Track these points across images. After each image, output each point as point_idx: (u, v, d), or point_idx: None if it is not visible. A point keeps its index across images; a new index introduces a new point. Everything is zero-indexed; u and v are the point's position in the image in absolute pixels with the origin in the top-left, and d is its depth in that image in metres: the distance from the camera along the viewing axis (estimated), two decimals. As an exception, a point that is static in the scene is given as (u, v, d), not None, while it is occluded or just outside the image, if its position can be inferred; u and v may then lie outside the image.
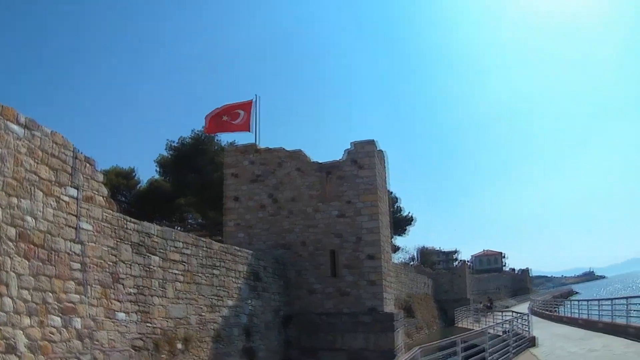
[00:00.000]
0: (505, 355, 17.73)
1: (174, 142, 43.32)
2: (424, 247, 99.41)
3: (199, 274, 15.86)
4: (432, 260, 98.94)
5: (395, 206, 64.38)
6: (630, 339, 18.10)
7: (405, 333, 34.99)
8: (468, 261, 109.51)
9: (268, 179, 25.05)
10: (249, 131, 26.19)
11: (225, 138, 40.28)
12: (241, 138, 26.83)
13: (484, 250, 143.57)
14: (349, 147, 24.64)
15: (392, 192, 60.53)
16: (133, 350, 12.34)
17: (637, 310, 20.69)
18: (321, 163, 24.95)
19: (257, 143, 25.91)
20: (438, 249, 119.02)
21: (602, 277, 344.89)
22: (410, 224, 69.92)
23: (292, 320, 22.49)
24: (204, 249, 16.41)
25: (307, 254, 23.87)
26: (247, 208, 24.95)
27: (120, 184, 43.20)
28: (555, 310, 38.91)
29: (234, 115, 25.86)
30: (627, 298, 21.83)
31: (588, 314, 26.79)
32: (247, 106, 26.03)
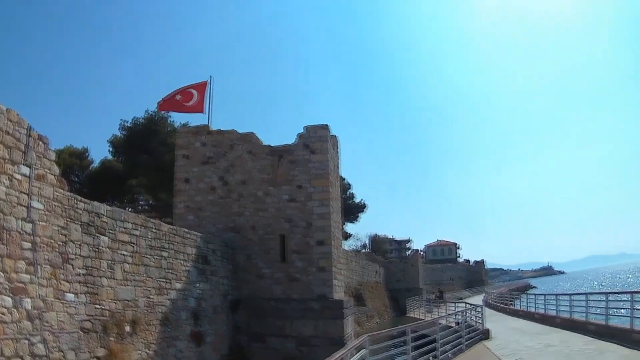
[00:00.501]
0: (458, 347, 18.06)
1: (127, 122, 43.97)
2: (376, 235, 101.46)
3: (148, 256, 16.46)
4: (384, 249, 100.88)
5: (348, 193, 65.87)
6: (590, 336, 18.15)
7: (355, 321, 36.19)
8: (421, 251, 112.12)
9: (219, 161, 25.62)
10: (202, 112, 26.74)
11: (178, 119, 40.99)
12: (195, 119, 27.29)
13: (437, 241, 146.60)
14: (302, 131, 25.43)
15: (344, 179, 61.98)
16: (82, 332, 12.83)
17: (596, 307, 20.61)
18: (273, 147, 25.66)
19: (210, 125, 26.44)
20: (391, 237, 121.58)
21: (561, 272, 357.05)
22: (363, 210, 71.59)
23: (241, 305, 23.22)
24: (153, 230, 16.98)
25: (256, 238, 24.59)
26: (197, 190, 25.50)
27: (73, 164, 43.51)
28: (511, 304, 39.73)
29: (187, 95, 26.33)
30: (586, 294, 21.94)
31: (545, 309, 27.07)
32: (201, 87, 26.56)
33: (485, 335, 21.33)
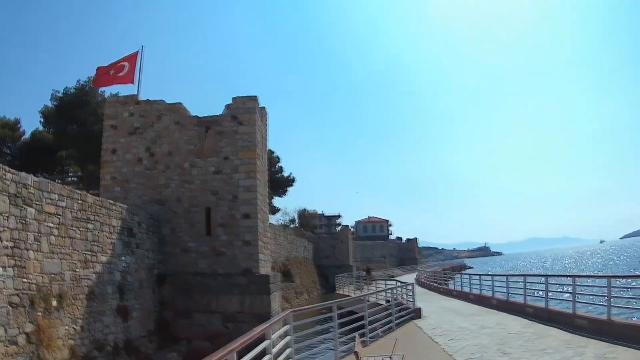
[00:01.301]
0: (388, 326, 18.57)
1: (58, 92, 44.78)
2: (304, 209, 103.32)
3: (74, 228, 17.27)
4: (313, 224, 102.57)
5: (276, 166, 67.30)
6: (529, 319, 18.28)
7: (283, 298, 37.61)
8: (351, 227, 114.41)
9: (146, 132, 26.35)
10: (132, 83, 27.33)
11: (109, 89, 41.49)
12: (125, 90, 27.64)
13: (368, 217, 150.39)
14: (230, 102, 26.43)
15: (273, 152, 63.20)
16: (10, 307, 13.47)
17: (535, 290, 21.00)
18: (200, 117, 26.58)
19: (139, 95, 27.01)
20: (320, 212, 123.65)
21: (499, 253, 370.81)
22: (291, 184, 73.11)
23: (167, 280, 24.26)
24: (79, 202, 17.78)
25: (182, 210, 25.58)
26: (124, 161, 26.18)
27: (5, 136, 44.45)
28: (445, 284, 40.44)
29: (119, 68, 26.85)
30: (524, 276, 21.88)
31: (480, 290, 27.20)
32: (132, 58, 27.10)
33: (417, 314, 21.53)
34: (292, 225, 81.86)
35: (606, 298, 14.34)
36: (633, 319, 16.31)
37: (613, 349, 11.81)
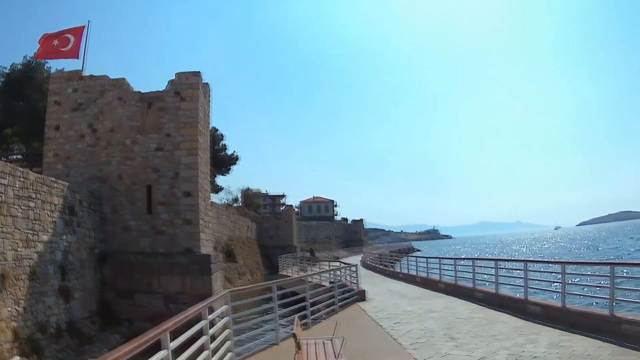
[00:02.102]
0: (331, 308, 18.64)
1: (5, 68, 44.94)
2: (248, 188, 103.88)
3: (15, 206, 17.55)
4: (257, 204, 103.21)
5: (220, 144, 67.46)
6: (479, 304, 18.44)
7: (226, 278, 38.19)
8: (296, 207, 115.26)
9: (89, 108, 26.52)
10: (77, 58, 27.32)
11: (55, 65, 41.84)
12: (71, 66, 27.57)
13: (313, 197, 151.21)
14: (174, 78, 26.76)
15: (217, 129, 63.37)
16: None
17: (485, 274, 20.93)
18: (143, 93, 26.88)
19: (84, 70, 27.08)
20: (265, 192, 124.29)
21: (448, 236, 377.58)
22: (235, 163, 73.38)
23: (108, 260, 24.62)
24: (21, 179, 18.05)
25: (123, 188, 25.96)
26: (67, 138, 26.32)
27: None
28: (392, 266, 40.85)
29: (64, 40, 26.73)
30: (473, 259, 22.03)
31: (428, 273, 27.40)
32: (77, 32, 27.02)
33: (361, 296, 21.74)
34: (235, 205, 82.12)
35: (561, 285, 14.19)
36: (590, 307, 15.96)
37: (569, 337, 11.71)
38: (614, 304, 12.07)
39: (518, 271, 20.14)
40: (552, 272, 16.88)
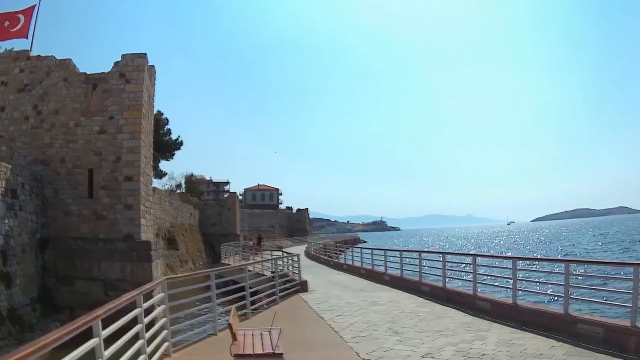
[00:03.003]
0: (272, 298, 18.72)
1: None
2: (192, 174, 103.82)
3: (-42, 189, 17.68)
4: (200, 190, 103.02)
5: (165, 128, 67.47)
6: (425, 298, 18.48)
7: (168, 266, 38.53)
8: (240, 194, 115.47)
9: (35, 89, 26.58)
10: (27, 38, 27.29)
11: (5, 45, 40.93)
12: (21, 46, 27.39)
13: (258, 185, 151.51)
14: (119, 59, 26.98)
15: (162, 113, 63.36)
16: None
17: (432, 267, 21.08)
18: (89, 74, 27.03)
19: (31, 50, 27.04)
20: (209, 178, 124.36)
21: (396, 228, 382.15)
22: (179, 148, 73.59)
23: (49, 245, 24.80)
24: (-36, 162, 18.14)
25: (65, 171, 26.17)
26: (12, 119, 26.40)
27: None
28: (336, 257, 41.31)
29: (14, 21, 26.70)
30: (420, 252, 21.82)
31: (372, 265, 27.73)
32: (28, 12, 26.99)
33: (303, 287, 21.88)
34: (178, 191, 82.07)
35: (512, 280, 14.09)
36: (543, 305, 16.48)
37: (520, 335, 11.67)
38: (568, 302, 11.94)
39: (467, 265, 20.22)
40: (502, 267, 17.17)
